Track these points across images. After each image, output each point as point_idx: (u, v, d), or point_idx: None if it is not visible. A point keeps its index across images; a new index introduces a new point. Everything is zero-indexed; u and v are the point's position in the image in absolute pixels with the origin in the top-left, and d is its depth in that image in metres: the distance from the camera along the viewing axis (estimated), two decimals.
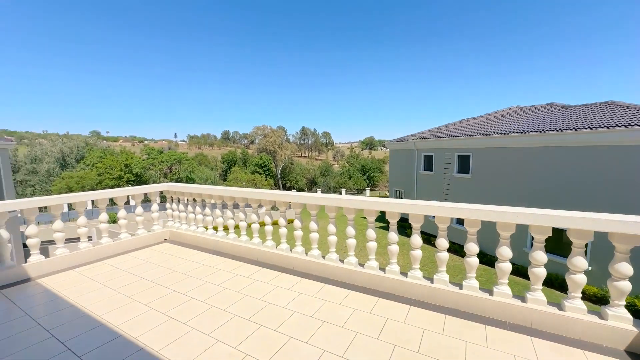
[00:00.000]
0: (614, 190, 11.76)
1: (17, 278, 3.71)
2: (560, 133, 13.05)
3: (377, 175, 71.33)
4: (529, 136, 14.30)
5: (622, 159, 11.54)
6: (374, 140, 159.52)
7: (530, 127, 15.08)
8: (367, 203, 3.39)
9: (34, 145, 73.31)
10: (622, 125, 11.32)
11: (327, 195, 3.78)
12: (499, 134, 15.74)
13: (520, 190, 15.16)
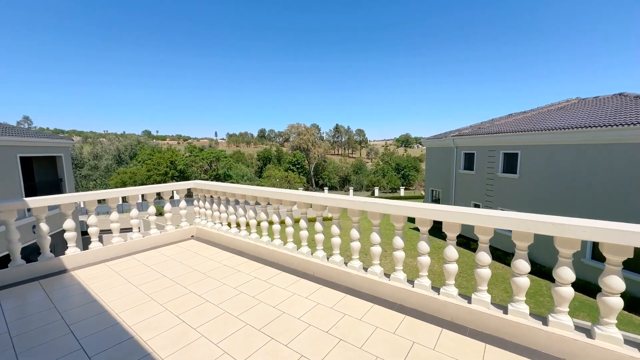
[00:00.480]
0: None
1: (55, 269, 3.93)
2: (637, 127, 11.17)
3: (413, 174, 68.64)
4: (596, 131, 12.46)
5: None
6: (410, 137, 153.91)
7: (596, 120, 13.15)
8: (394, 208, 3.02)
9: (95, 143, 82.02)
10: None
11: (352, 198, 3.47)
12: (556, 130, 14.02)
13: (577, 194, 13.40)
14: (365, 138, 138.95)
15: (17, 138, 12.11)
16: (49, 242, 3.96)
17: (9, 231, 3.64)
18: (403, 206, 2.98)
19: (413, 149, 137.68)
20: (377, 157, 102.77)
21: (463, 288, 14.12)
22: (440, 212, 2.71)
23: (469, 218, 2.52)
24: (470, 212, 2.52)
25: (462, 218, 2.56)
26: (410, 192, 50.85)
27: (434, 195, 24.39)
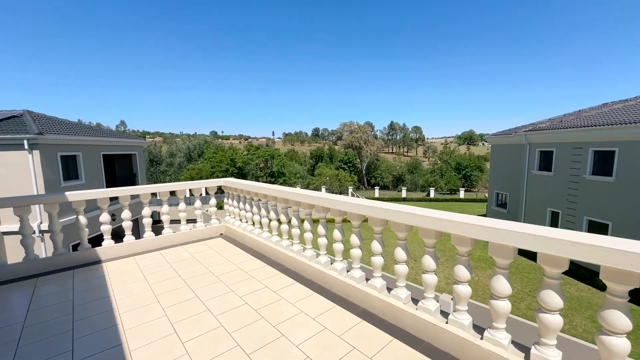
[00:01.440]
0: None
1: (91, 260, 4.17)
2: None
3: (476, 175, 62.26)
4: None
5: None
6: (474, 134, 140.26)
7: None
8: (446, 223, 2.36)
9: (171, 143, 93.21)
10: None
11: (373, 204, 2.88)
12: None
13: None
14: (422, 135, 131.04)
15: (100, 138, 14.07)
16: (87, 234, 4.22)
17: (52, 222, 3.94)
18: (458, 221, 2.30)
19: (477, 147, 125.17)
20: (435, 156, 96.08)
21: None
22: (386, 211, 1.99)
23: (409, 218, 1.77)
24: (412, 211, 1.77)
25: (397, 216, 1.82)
26: (471, 194, 46.11)
27: (500, 199, 21.49)
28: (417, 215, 2.37)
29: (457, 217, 2.17)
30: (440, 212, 2.35)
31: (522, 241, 1.77)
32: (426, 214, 2.34)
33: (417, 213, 2.38)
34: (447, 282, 13.47)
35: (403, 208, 2.56)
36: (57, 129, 12.29)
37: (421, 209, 2.48)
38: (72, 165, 12.64)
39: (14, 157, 10.77)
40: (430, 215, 2.30)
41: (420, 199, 41.47)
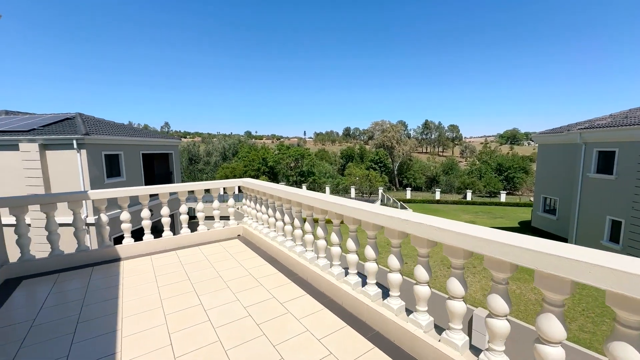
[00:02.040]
0: None
1: (111, 257, 4.25)
2: None
3: (520, 177, 57.58)
4: None
5: None
6: (518, 132, 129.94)
7: None
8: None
9: (208, 143, 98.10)
10: None
11: (391, 213, 2.53)
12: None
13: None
14: (460, 134, 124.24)
15: (139, 138, 14.99)
16: (108, 232, 4.31)
17: (76, 219, 4.06)
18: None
19: (521, 147, 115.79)
20: (473, 156, 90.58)
21: None
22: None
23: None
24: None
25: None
26: (514, 198, 42.55)
27: (547, 204, 19.45)
28: (444, 230, 1.97)
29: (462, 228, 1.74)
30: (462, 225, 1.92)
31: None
32: (452, 227, 1.93)
33: (444, 227, 1.98)
34: (483, 294, 12.38)
35: (426, 220, 2.16)
36: (101, 130, 13.27)
37: (447, 221, 2.08)
38: (115, 164, 13.58)
39: (66, 155, 11.79)
40: (455, 229, 1.89)
41: (455, 202, 39.18)
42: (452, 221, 2.10)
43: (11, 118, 14.59)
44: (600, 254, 1.36)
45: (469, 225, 1.97)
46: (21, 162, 11.54)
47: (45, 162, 11.79)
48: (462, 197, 42.01)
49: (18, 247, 3.78)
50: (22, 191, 11.50)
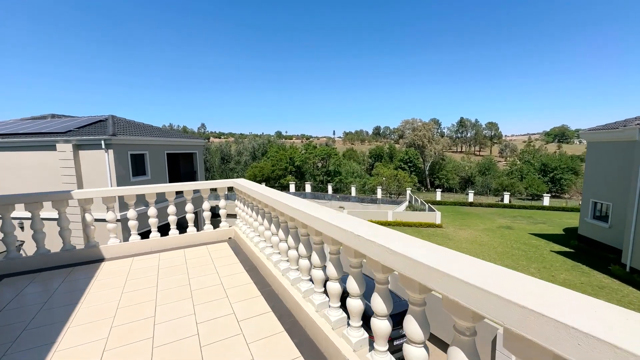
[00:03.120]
0: None
1: (94, 257, 4.21)
2: None
3: (568, 178, 52.25)
4: None
5: None
6: (568, 130, 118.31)
7: None
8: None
9: (239, 143, 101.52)
10: None
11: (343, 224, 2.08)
12: None
13: None
14: (499, 132, 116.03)
15: (164, 139, 15.61)
16: (93, 231, 4.28)
17: (61, 219, 4.06)
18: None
19: (571, 145, 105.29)
20: (514, 155, 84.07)
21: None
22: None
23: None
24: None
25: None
26: (560, 202, 38.54)
27: (598, 209, 17.18)
28: (397, 255, 1.50)
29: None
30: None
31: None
32: (407, 251, 1.46)
33: (399, 250, 1.51)
34: None
35: (382, 237, 1.69)
36: (128, 130, 13.99)
37: (412, 241, 1.60)
38: (140, 163, 14.25)
39: (96, 155, 12.56)
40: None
41: (491, 204, 36.43)
42: (419, 241, 1.61)
43: (55, 121, 15.94)
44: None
45: (438, 249, 1.49)
46: (58, 161, 12.47)
47: (79, 161, 12.64)
48: (499, 200, 38.97)
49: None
50: (59, 188, 12.42)
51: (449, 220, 27.45)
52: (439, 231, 23.02)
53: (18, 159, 13.12)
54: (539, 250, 17.97)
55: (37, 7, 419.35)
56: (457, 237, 21.37)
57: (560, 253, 17.38)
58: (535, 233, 22.36)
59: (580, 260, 15.90)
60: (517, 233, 22.56)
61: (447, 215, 29.70)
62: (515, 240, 20.32)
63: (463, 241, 20.20)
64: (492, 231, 23.18)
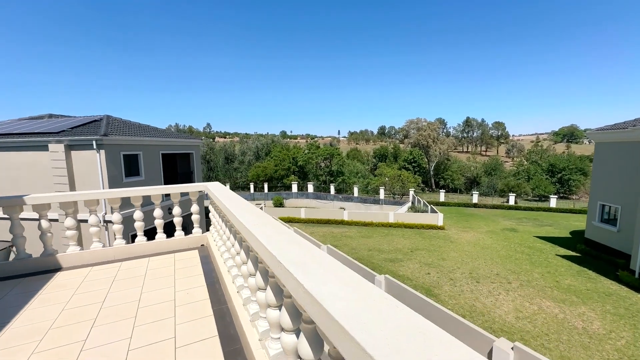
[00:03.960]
0: None
1: (51, 267, 3.95)
2: None
3: (577, 179, 51.01)
4: None
5: None
6: (577, 129, 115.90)
7: None
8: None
9: (243, 142, 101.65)
10: None
11: None
12: None
13: None
14: (506, 132, 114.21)
15: (158, 139, 15.44)
16: (51, 239, 4.02)
17: (14, 225, 3.81)
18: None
19: (580, 145, 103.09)
20: (521, 155, 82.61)
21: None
22: None
23: None
24: None
25: None
26: (568, 203, 37.57)
27: (606, 212, 16.52)
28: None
29: None
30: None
31: None
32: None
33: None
34: (516, 317, 10.63)
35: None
36: (122, 131, 13.84)
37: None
38: (134, 163, 14.09)
39: (87, 155, 12.42)
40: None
41: (496, 206, 35.67)
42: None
43: (50, 121, 15.89)
44: None
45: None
46: (50, 162, 12.36)
47: (71, 161, 12.52)
48: (505, 201, 38.15)
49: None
50: (51, 189, 12.32)
51: (452, 221, 26.87)
52: (441, 233, 22.50)
53: (11, 159, 13.06)
54: (544, 254, 17.38)
55: (61, 12, 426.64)
56: (459, 239, 20.84)
57: (565, 257, 16.76)
58: (541, 236, 21.70)
59: (587, 265, 15.29)
60: (522, 236, 21.92)
61: (450, 216, 29.11)
62: (520, 244, 19.72)
63: (465, 244, 19.67)
64: (495, 233, 22.58)
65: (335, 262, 1.41)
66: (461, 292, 12.60)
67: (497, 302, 11.65)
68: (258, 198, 44.85)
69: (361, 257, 16.86)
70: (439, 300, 11.82)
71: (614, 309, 11.12)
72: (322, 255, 1.51)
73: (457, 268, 15.20)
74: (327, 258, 1.47)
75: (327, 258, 1.47)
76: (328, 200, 40.61)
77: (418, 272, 14.70)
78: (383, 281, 10.50)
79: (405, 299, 9.64)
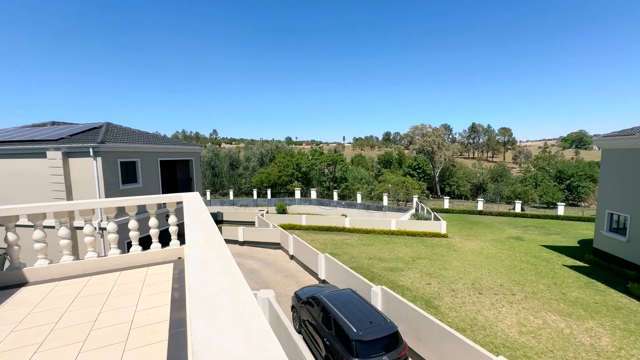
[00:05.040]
0: None
1: (15, 281, 3.80)
2: None
3: (586, 185, 49.86)
4: None
5: None
6: (586, 135, 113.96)
7: None
8: None
9: (248, 148, 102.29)
10: None
11: None
12: None
13: None
14: (512, 138, 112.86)
15: (157, 146, 15.47)
16: (19, 252, 3.89)
17: None
18: None
19: (590, 151, 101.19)
20: (528, 162, 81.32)
21: None
22: None
23: None
24: None
25: None
26: (576, 211, 36.59)
27: (615, 221, 15.92)
28: None
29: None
30: None
31: None
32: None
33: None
34: (520, 331, 10.14)
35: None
36: (120, 138, 13.89)
37: None
38: (132, 170, 14.11)
39: (84, 162, 12.46)
40: None
41: (501, 213, 34.91)
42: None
43: (51, 128, 16.08)
44: None
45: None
46: (48, 169, 12.43)
47: (68, 169, 12.56)
48: (511, 208, 37.36)
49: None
50: (48, 196, 12.36)
51: (456, 229, 26.31)
52: (444, 241, 21.99)
53: (12, 166, 13.17)
54: (550, 264, 16.78)
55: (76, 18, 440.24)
56: (463, 248, 20.32)
57: (573, 268, 16.16)
58: (548, 245, 21.05)
59: (596, 277, 14.69)
60: (528, 244, 21.29)
61: (454, 224, 28.54)
62: (525, 253, 19.12)
63: (468, 252, 19.15)
64: (500, 242, 21.99)
65: (252, 302, 1.20)
66: (462, 303, 12.14)
67: (499, 315, 11.18)
68: (261, 204, 44.78)
69: (361, 266, 16.50)
70: (438, 312, 11.39)
71: (624, 324, 10.56)
72: (243, 290, 1.31)
73: (459, 278, 14.73)
74: (246, 294, 1.27)
75: (246, 294, 1.27)
76: (331, 207, 40.32)
77: (418, 282, 14.28)
78: (379, 293, 10.16)
79: (401, 312, 9.29)
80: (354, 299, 8.97)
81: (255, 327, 1.03)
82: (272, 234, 20.59)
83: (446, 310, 11.56)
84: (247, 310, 1.13)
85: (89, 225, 4.21)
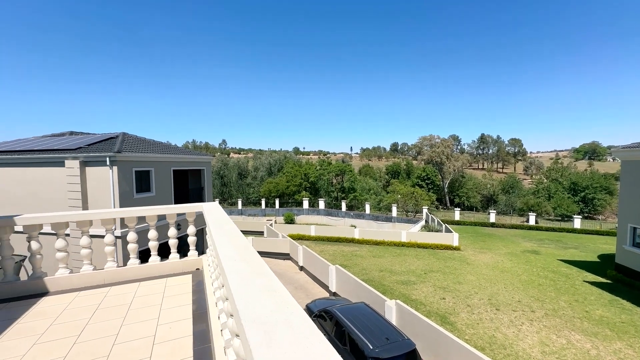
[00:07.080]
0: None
1: (36, 291, 3.78)
2: None
3: (602, 198, 48.39)
4: None
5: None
6: (599, 146, 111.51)
7: None
8: None
9: (256, 158, 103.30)
10: None
11: None
12: None
13: None
14: (523, 149, 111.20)
15: (170, 155, 15.69)
16: (41, 261, 3.88)
17: (3, 247, 3.69)
18: None
19: (603, 163, 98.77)
20: (540, 173, 79.74)
21: None
22: None
23: None
24: None
25: None
26: (594, 224, 35.36)
27: (639, 236, 15.28)
28: None
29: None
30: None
31: None
32: None
33: None
34: (542, 352, 9.64)
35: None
36: (135, 147, 14.14)
37: None
38: (145, 179, 14.28)
39: (101, 171, 12.67)
40: None
41: (514, 226, 34.02)
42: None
43: (70, 138, 16.50)
44: None
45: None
46: (65, 178, 12.67)
47: (85, 178, 12.78)
48: (524, 221, 36.40)
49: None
50: (64, 204, 12.56)
51: (468, 242, 25.69)
52: (457, 254, 21.44)
53: (31, 174, 13.49)
54: (570, 280, 16.12)
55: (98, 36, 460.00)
56: (476, 261, 19.75)
57: (595, 284, 15.47)
58: (566, 259, 20.30)
59: (620, 294, 14.01)
60: (545, 259, 20.58)
61: (466, 236, 27.91)
62: (543, 267, 18.45)
63: (483, 266, 18.59)
64: (516, 256, 21.32)
65: (310, 325, 1.11)
66: (480, 320, 11.68)
67: (520, 334, 10.69)
68: (269, 214, 44.75)
69: (372, 279, 16.15)
70: (455, 329, 10.96)
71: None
72: (296, 311, 1.22)
73: (475, 293, 14.25)
74: (301, 317, 1.17)
75: (301, 317, 1.17)
76: (339, 217, 40.01)
77: (432, 297, 13.85)
78: (394, 307, 9.85)
79: (417, 328, 8.96)
80: (368, 313, 8.70)
81: (318, 353, 0.94)
82: (282, 244, 20.43)
83: (463, 327, 11.12)
84: (305, 334, 1.04)
85: (109, 234, 4.19)
